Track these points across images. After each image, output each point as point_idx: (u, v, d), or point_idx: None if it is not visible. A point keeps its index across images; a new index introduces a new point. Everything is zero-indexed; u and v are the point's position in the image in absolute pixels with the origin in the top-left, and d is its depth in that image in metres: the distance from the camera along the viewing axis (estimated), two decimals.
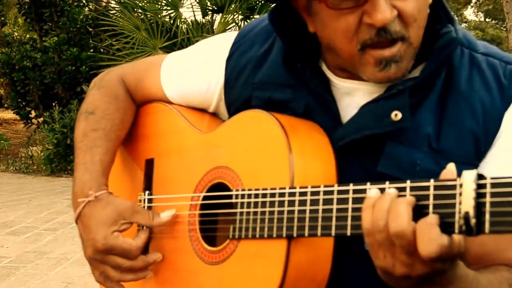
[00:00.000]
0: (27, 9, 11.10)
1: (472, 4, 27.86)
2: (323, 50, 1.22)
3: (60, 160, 9.30)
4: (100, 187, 1.31)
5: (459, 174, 1.07)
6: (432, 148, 1.14)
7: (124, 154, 1.53)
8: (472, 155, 1.13)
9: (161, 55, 1.53)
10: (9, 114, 13.73)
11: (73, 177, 1.38)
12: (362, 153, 1.16)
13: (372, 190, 0.97)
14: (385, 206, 0.92)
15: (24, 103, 10.94)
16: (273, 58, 1.29)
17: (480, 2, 27.48)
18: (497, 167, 1.12)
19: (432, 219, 0.87)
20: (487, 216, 0.83)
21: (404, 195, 0.93)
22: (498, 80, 1.16)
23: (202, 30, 8.58)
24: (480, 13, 29.91)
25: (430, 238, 0.86)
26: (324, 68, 1.24)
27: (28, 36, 12.16)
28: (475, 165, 1.13)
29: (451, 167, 0.90)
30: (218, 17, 8.78)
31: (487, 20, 29.97)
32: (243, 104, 1.31)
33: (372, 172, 1.14)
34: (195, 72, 1.40)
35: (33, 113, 11.00)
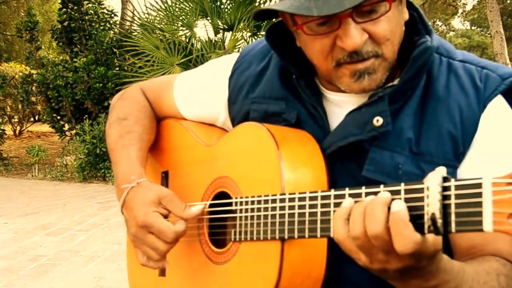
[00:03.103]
0: (59, 34, 11.14)
1: (459, 14, 27.59)
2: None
3: (91, 168, 9.29)
4: (141, 175, 1.29)
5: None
6: (413, 151, 1.10)
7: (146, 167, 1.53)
8: (451, 156, 1.10)
9: (174, 74, 1.54)
10: (46, 128, 13.80)
11: (113, 174, 1.36)
12: (349, 159, 1.14)
13: (346, 201, 0.91)
14: (360, 209, 0.88)
15: (58, 118, 10.96)
16: (269, 74, 1.29)
17: (466, 12, 27.21)
18: (475, 168, 1.09)
19: (404, 216, 0.83)
20: (453, 217, 0.80)
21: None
22: (474, 84, 1.12)
23: (214, 47, 8.56)
24: (466, 22, 29.64)
25: (404, 236, 0.83)
26: (317, 81, 1.23)
27: (60, 58, 12.20)
28: (454, 166, 1.10)
29: (439, 169, 0.85)
30: (228, 35, 8.76)
31: (473, 28, 29.66)
32: (243, 117, 1.31)
33: (359, 177, 1.11)
34: (203, 90, 1.41)
35: (66, 126, 11.01)
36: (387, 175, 1.10)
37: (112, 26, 11.57)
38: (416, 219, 0.85)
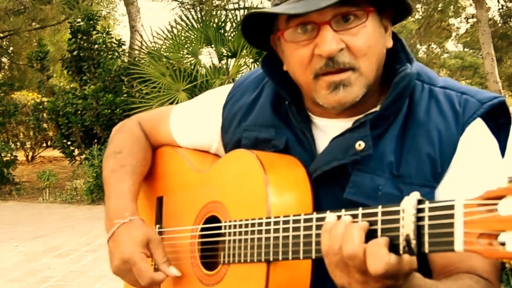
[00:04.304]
0: (69, 63, 11.25)
1: (452, 38, 27.79)
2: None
3: (99, 191, 9.27)
4: (134, 213, 1.30)
5: None
6: (393, 174, 1.11)
7: (141, 193, 1.53)
8: (430, 178, 1.10)
9: (171, 106, 1.56)
10: (57, 153, 13.81)
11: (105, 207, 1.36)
12: (333, 183, 1.15)
13: (329, 216, 0.94)
14: (340, 231, 0.90)
15: (68, 143, 11.00)
16: (261, 103, 1.30)
17: (460, 35, 27.38)
18: (452, 189, 1.09)
19: (380, 240, 0.85)
20: (426, 238, 0.81)
21: (357, 221, 0.90)
22: (453, 108, 1.13)
23: (218, 73, 8.60)
24: (459, 44, 29.84)
25: (377, 257, 0.84)
26: (306, 108, 1.24)
27: (71, 86, 12.29)
28: (432, 187, 1.10)
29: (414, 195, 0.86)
30: (232, 61, 8.81)
31: (465, 50, 29.89)
32: (235, 144, 1.32)
33: (341, 200, 1.12)
34: (198, 120, 1.43)
35: (76, 151, 11.06)
36: (367, 197, 1.10)
37: (120, 54, 11.66)
38: (392, 240, 0.85)
